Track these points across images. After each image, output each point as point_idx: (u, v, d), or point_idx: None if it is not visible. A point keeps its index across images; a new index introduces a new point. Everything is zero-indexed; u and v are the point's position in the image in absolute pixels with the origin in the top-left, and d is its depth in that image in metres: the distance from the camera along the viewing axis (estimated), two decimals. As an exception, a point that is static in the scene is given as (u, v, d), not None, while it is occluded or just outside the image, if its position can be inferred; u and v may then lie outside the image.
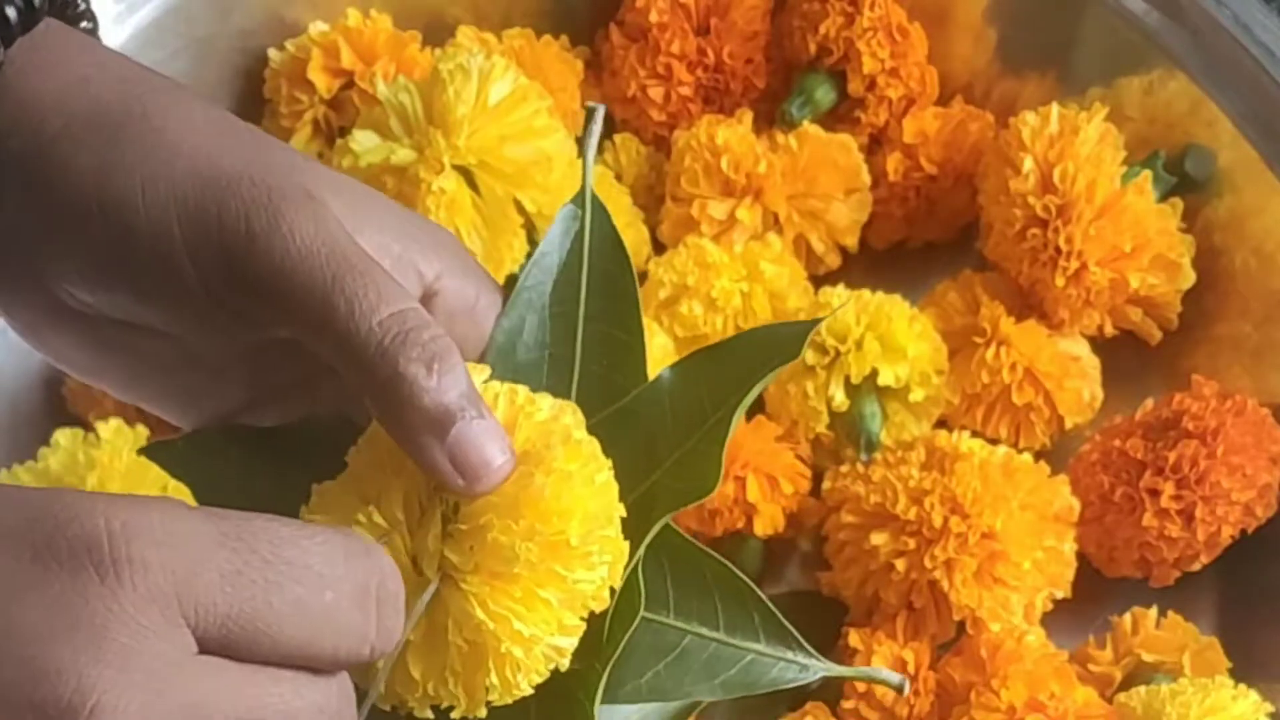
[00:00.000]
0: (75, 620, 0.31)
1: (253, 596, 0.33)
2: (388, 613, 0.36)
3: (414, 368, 0.39)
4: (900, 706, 0.67)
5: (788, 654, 0.43)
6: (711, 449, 0.42)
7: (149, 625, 0.32)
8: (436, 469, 0.39)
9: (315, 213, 0.41)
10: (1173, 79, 0.75)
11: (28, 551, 0.32)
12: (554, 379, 0.46)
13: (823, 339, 0.72)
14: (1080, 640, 0.71)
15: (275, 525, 0.35)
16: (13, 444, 0.74)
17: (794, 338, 0.44)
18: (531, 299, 0.46)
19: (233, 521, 0.34)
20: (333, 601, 0.35)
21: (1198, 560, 0.71)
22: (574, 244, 0.47)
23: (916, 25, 0.80)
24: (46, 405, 0.78)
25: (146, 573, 0.32)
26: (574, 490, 0.39)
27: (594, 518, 0.40)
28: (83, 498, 0.33)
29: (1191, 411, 0.70)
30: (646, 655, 0.43)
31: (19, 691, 0.31)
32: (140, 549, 0.32)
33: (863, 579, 0.70)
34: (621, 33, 0.81)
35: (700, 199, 0.77)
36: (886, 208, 0.80)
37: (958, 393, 0.74)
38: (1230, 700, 0.64)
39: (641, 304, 0.46)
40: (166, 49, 0.77)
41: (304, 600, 0.34)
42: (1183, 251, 0.74)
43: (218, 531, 0.33)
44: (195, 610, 0.32)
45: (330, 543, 0.35)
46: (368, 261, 0.41)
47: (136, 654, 0.31)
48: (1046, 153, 0.72)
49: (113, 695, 0.31)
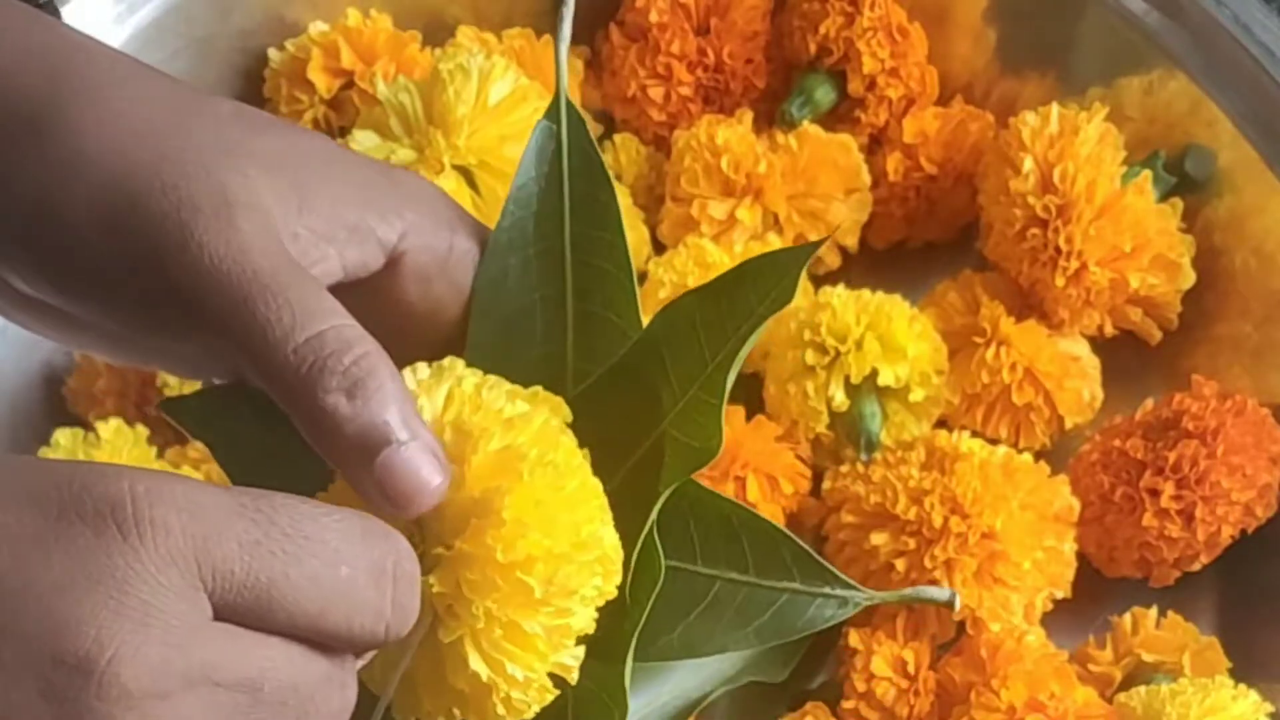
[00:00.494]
0: (97, 575, 0.32)
1: (270, 567, 0.34)
2: (404, 592, 0.36)
3: (332, 398, 0.38)
4: (900, 706, 0.67)
5: (824, 589, 0.41)
6: (711, 401, 0.40)
7: (168, 585, 0.32)
8: (368, 497, 0.39)
9: (229, 223, 0.39)
10: (1173, 79, 0.75)
11: (54, 509, 0.32)
12: (547, 323, 0.43)
13: (823, 339, 0.72)
14: (1080, 640, 0.71)
15: (295, 501, 0.35)
16: (13, 444, 0.74)
17: (788, 272, 0.41)
18: (513, 239, 0.43)
19: (253, 495, 0.34)
20: (349, 577, 0.35)
21: (1198, 560, 0.71)
22: (551, 168, 0.43)
23: (916, 25, 0.80)
24: (46, 405, 0.78)
25: (168, 535, 0.32)
26: (529, 538, 0.37)
27: (560, 558, 0.37)
28: (108, 466, 0.33)
29: (1191, 411, 0.70)
30: (677, 608, 0.41)
31: (40, 642, 0.32)
32: (163, 513, 0.33)
33: (863, 579, 0.70)
34: (621, 33, 0.81)
35: (700, 199, 0.77)
36: (886, 208, 0.80)
37: (958, 393, 0.74)
38: (1230, 700, 0.64)
39: (628, 242, 0.43)
40: (166, 49, 0.77)
41: (320, 574, 0.34)
42: (1183, 251, 0.74)
43: (238, 503, 0.34)
44: (213, 576, 0.33)
45: (348, 521, 0.35)
46: (287, 277, 0.39)
47: (156, 610, 0.32)
48: (1046, 153, 0.72)
49: (130, 648, 0.32)
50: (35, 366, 0.78)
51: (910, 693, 0.67)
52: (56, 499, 0.33)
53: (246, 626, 0.34)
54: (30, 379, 0.78)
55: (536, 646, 0.38)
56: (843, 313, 0.72)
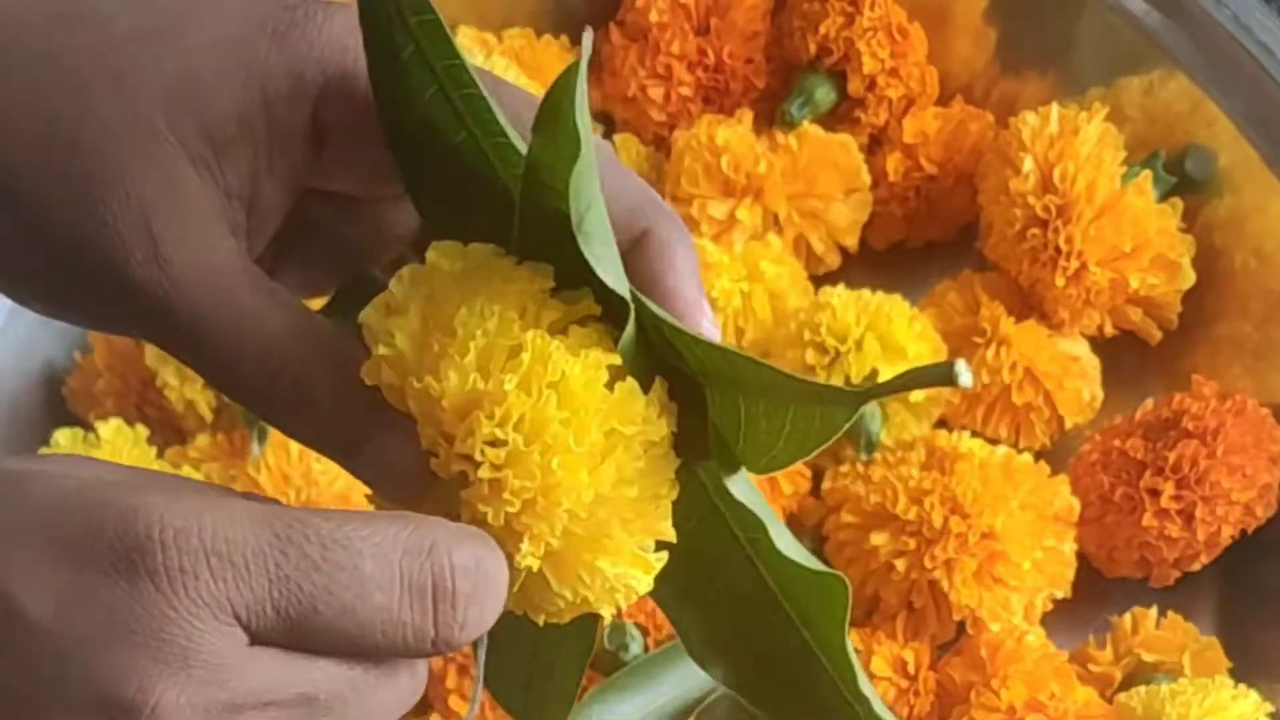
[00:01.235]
0: (134, 625, 0.33)
1: (299, 601, 0.34)
2: (447, 611, 0.36)
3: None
4: (900, 706, 0.67)
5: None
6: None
7: (203, 627, 0.33)
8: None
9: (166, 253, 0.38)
10: (1173, 79, 0.75)
11: (88, 560, 0.33)
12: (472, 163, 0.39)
13: (823, 339, 0.72)
14: (1080, 640, 0.71)
15: (330, 525, 0.35)
16: (13, 444, 0.74)
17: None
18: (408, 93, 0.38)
19: (285, 521, 0.34)
20: (383, 603, 0.35)
21: (1198, 560, 0.71)
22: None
23: (916, 25, 0.80)
24: (46, 405, 0.78)
25: (198, 581, 0.33)
26: (559, 476, 0.35)
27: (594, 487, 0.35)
28: (136, 507, 0.34)
29: (1191, 411, 0.70)
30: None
31: (84, 694, 0.33)
32: (192, 561, 0.33)
33: (863, 579, 0.70)
34: (621, 33, 0.81)
35: (700, 199, 0.77)
36: (886, 208, 0.80)
37: (958, 393, 0.74)
38: (1230, 700, 0.64)
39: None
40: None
41: (351, 605, 0.34)
42: (1183, 251, 0.74)
43: (270, 534, 0.34)
44: (245, 611, 0.34)
45: (386, 541, 0.35)
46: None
47: (194, 653, 0.33)
48: (1046, 153, 0.72)
49: (173, 692, 0.33)
50: (35, 366, 0.78)
51: (910, 693, 0.68)
52: (90, 548, 0.33)
53: (289, 649, 0.34)
54: (30, 379, 0.78)
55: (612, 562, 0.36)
56: (843, 313, 0.72)
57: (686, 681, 0.69)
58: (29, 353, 0.78)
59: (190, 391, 0.73)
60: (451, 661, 0.67)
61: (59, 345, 0.78)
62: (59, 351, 0.78)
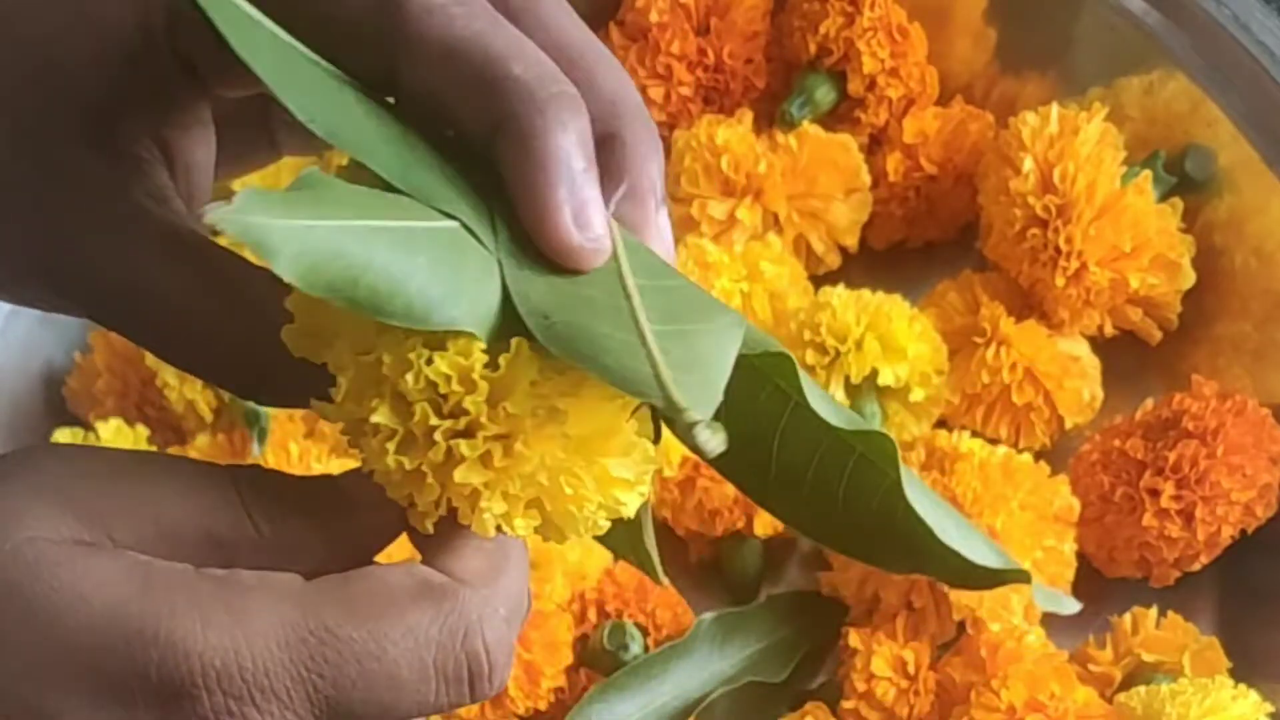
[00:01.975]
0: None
1: (322, 699, 0.35)
2: (483, 685, 0.36)
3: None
4: (900, 706, 0.67)
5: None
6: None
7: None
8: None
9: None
10: (1173, 79, 0.75)
11: (137, 703, 0.34)
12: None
13: (823, 339, 0.72)
14: (1080, 640, 0.71)
15: (361, 634, 0.35)
16: (13, 444, 0.74)
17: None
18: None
19: (318, 637, 0.35)
20: (421, 697, 0.36)
21: (1198, 560, 0.71)
22: None
23: (916, 25, 0.80)
24: (46, 405, 0.78)
25: (231, 717, 0.35)
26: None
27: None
28: (174, 644, 0.34)
29: (1191, 411, 0.70)
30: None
31: None
32: (237, 702, 0.34)
33: (863, 579, 0.70)
34: (621, 33, 0.81)
35: (700, 199, 0.77)
36: (886, 208, 0.80)
37: (958, 393, 0.74)
38: (1230, 700, 0.64)
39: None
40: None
41: (391, 705, 0.35)
42: (1183, 251, 0.74)
43: (305, 655, 0.34)
44: (273, 707, 0.35)
45: (419, 641, 0.35)
46: None
47: None
48: (1046, 153, 0.72)
49: None
50: (35, 366, 0.78)
51: (910, 693, 0.68)
52: (137, 689, 0.34)
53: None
54: (30, 379, 0.78)
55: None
56: (843, 313, 0.72)
57: (686, 681, 0.69)
58: (29, 353, 0.78)
59: (190, 391, 0.73)
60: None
61: (59, 345, 0.78)
62: (59, 351, 0.78)
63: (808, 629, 0.72)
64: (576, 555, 0.70)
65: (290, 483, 0.38)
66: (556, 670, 0.68)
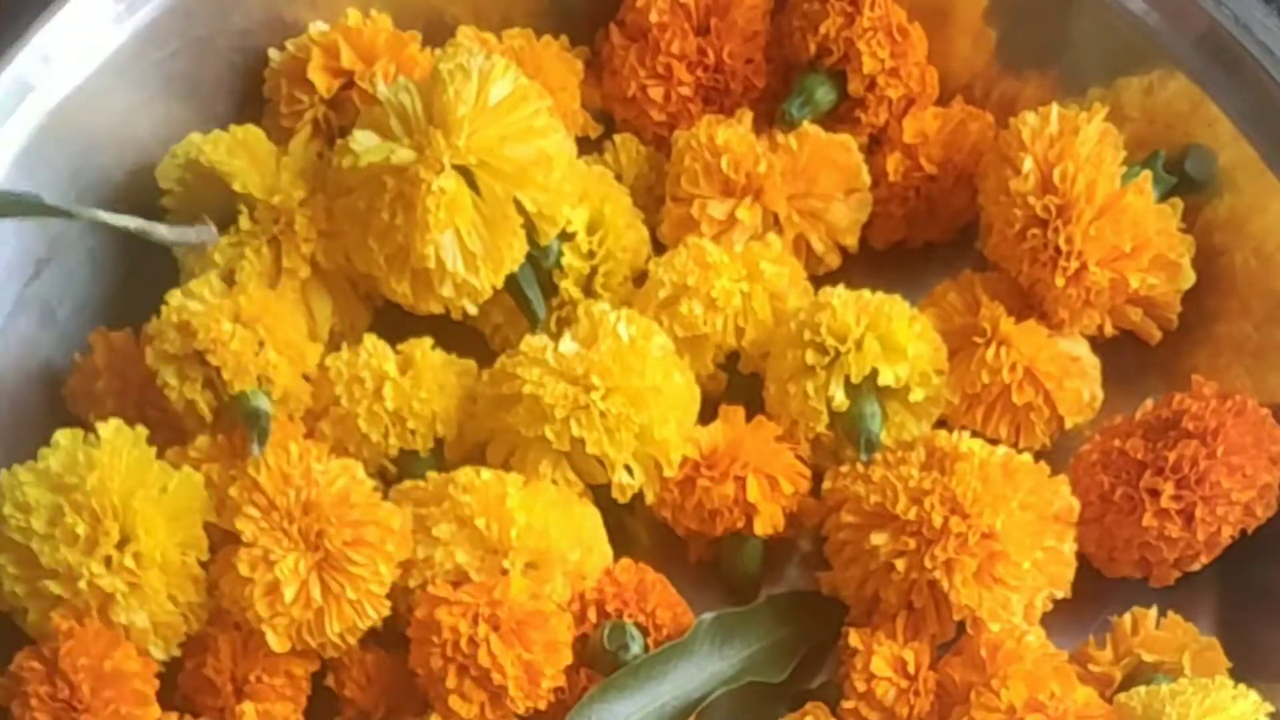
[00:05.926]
0: None
1: None
2: None
3: None
4: (900, 706, 0.67)
5: None
6: None
7: None
8: None
9: None
10: (1173, 79, 0.75)
11: None
12: None
13: (823, 339, 0.72)
14: (1080, 640, 0.71)
15: None
16: (13, 444, 0.74)
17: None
18: None
19: None
20: None
21: (1198, 560, 0.71)
22: None
23: (916, 25, 0.80)
24: (46, 405, 0.77)
25: None
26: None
27: None
28: None
29: (1191, 411, 0.70)
30: None
31: None
32: None
33: (863, 579, 0.70)
34: (621, 33, 0.81)
35: (700, 199, 0.77)
36: (886, 208, 0.80)
37: (958, 393, 0.74)
38: (1230, 700, 0.64)
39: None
40: (166, 49, 0.77)
41: None
42: (1183, 251, 0.74)
43: None
44: None
45: None
46: None
47: None
48: (1046, 153, 0.72)
49: None
50: (35, 366, 0.78)
51: (910, 693, 0.68)
52: None
53: None
54: (30, 379, 0.78)
55: None
56: (843, 313, 0.72)
57: (686, 682, 0.69)
58: (29, 353, 0.78)
59: (190, 391, 0.73)
60: (451, 661, 0.67)
61: (59, 345, 0.78)
62: (59, 351, 0.78)
63: (808, 629, 0.72)
64: (577, 555, 0.70)
65: None
66: (556, 670, 0.68)
